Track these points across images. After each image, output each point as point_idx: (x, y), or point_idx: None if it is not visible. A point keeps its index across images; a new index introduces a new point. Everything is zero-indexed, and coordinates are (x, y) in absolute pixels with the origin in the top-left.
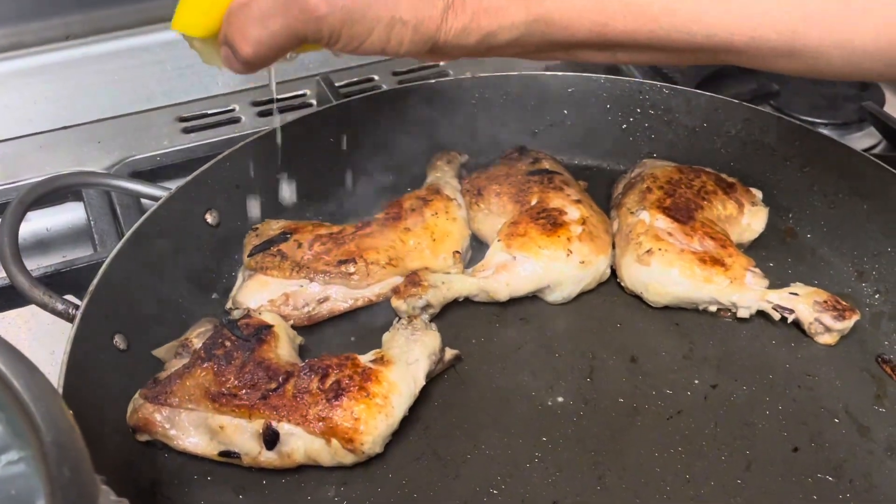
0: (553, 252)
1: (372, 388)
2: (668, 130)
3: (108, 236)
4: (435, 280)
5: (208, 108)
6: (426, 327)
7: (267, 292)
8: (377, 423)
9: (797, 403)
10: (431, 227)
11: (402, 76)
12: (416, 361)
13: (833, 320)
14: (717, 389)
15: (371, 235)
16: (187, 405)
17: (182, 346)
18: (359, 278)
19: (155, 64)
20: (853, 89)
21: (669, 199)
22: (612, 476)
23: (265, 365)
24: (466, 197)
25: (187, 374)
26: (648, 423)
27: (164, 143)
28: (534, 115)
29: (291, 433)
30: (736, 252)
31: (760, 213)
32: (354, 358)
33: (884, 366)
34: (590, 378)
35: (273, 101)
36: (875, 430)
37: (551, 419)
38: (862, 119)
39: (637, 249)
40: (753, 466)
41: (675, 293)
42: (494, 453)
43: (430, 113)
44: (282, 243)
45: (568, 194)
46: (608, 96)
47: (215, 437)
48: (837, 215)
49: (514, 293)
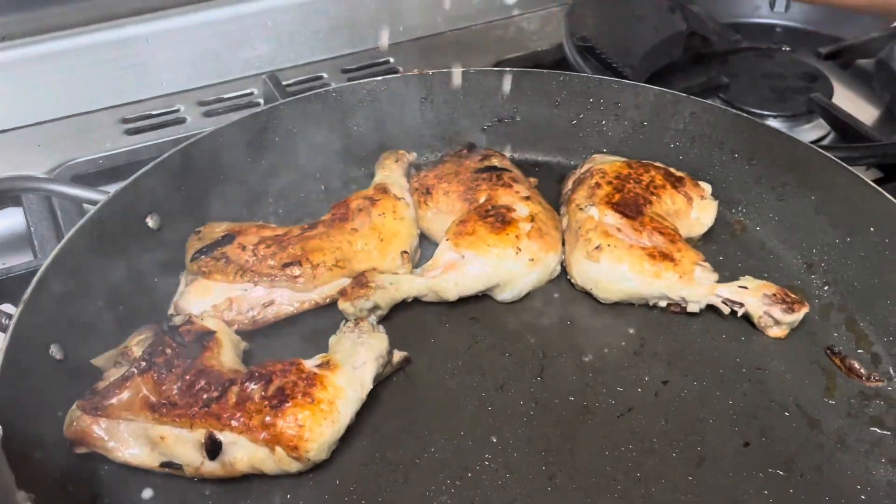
0: (502, 250)
1: (317, 394)
2: (618, 125)
3: (48, 242)
4: (383, 281)
5: (153, 108)
6: (373, 329)
7: (210, 297)
8: (322, 429)
9: (748, 398)
10: (379, 228)
11: (350, 73)
12: (363, 365)
13: (782, 313)
14: (668, 385)
15: (317, 237)
16: (126, 416)
17: (121, 355)
18: (305, 281)
19: (97, 64)
20: (802, 81)
21: (618, 194)
22: (562, 476)
23: (207, 372)
24: (415, 196)
25: (126, 384)
26: (599, 422)
27: (106, 146)
28: (483, 111)
29: (234, 442)
30: (685, 247)
31: (710, 206)
32: (299, 363)
33: (833, 358)
34: (540, 377)
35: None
36: (825, 423)
37: (502, 420)
38: (811, 111)
39: (586, 246)
40: (704, 463)
41: (624, 289)
42: (444, 456)
43: (379, 111)
44: (225, 246)
45: (517, 191)
46: (556, 92)
47: (156, 448)
48: (786, 208)
49: (464, 292)
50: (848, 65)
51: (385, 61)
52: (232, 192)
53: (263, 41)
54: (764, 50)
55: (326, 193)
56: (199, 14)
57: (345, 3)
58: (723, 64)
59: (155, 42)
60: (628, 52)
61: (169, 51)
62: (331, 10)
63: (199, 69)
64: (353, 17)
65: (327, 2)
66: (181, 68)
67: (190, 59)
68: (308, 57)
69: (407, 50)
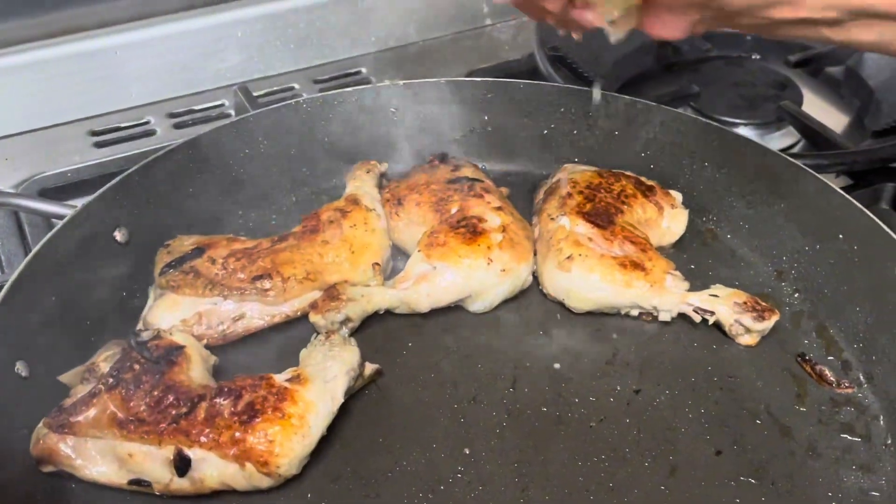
0: (473, 261)
1: (287, 409)
2: (589, 134)
3: (15, 257)
4: (354, 293)
5: (122, 120)
6: (344, 342)
7: (179, 311)
8: (293, 444)
9: (719, 406)
10: (350, 239)
11: (322, 84)
12: (335, 378)
13: (753, 321)
14: (640, 395)
15: (288, 249)
16: (94, 433)
17: (89, 371)
18: (275, 294)
19: (65, 77)
20: (772, 89)
21: (589, 203)
22: (535, 488)
23: (176, 388)
24: (386, 207)
25: (94, 401)
26: (572, 432)
27: (74, 159)
28: (455, 121)
29: (204, 458)
30: (656, 255)
31: (680, 215)
32: (269, 378)
33: (804, 365)
34: (513, 388)
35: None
36: (796, 431)
37: (474, 432)
38: (781, 119)
39: (558, 256)
40: (677, 472)
41: (596, 299)
42: (416, 469)
43: (350, 121)
44: (195, 260)
45: (488, 202)
46: (528, 102)
47: (124, 465)
48: (756, 216)
49: (436, 304)
50: (817, 72)
51: (357, 72)
52: (202, 205)
53: (234, 52)
54: (734, 58)
55: (298, 205)
56: (169, 25)
57: (316, 14)
58: (693, 73)
59: (124, 54)
60: (599, 61)
61: (138, 62)
62: (302, 21)
63: (169, 81)
64: (325, 28)
65: (299, 12)
66: (151, 80)
67: (160, 71)
68: (279, 68)
69: (379, 60)
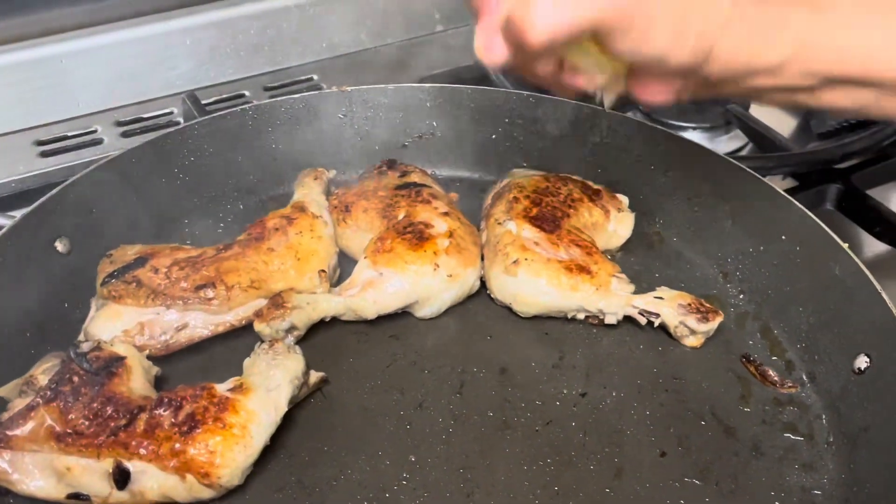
0: (420, 267)
1: (228, 419)
2: (536, 139)
3: None
4: (299, 301)
5: (69, 129)
6: (289, 350)
7: (121, 322)
8: (234, 454)
9: (665, 407)
10: (296, 247)
11: (273, 91)
12: (278, 387)
13: (697, 322)
14: (586, 398)
15: (232, 258)
16: (31, 447)
17: (27, 384)
18: (219, 303)
19: (10, 86)
20: None
21: (536, 208)
22: (480, 493)
23: (115, 400)
24: (334, 213)
25: (31, 414)
26: (518, 436)
27: (19, 169)
28: (403, 127)
29: (143, 471)
30: (602, 259)
31: (627, 218)
32: (211, 388)
33: (748, 365)
34: (460, 393)
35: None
36: (740, 431)
37: (420, 438)
38: (728, 122)
39: (504, 260)
40: (622, 474)
41: (542, 303)
42: (361, 477)
43: (297, 128)
44: (137, 269)
45: (436, 207)
46: (476, 107)
47: (62, 479)
48: (701, 218)
49: (382, 310)
50: None
51: (308, 79)
52: (146, 214)
53: (184, 60)
54: None
55: (244, 213)
56: (117, 33)
57: (267, 21)
58: None
59: (70, 62)
60: None
61: (85, 70)
62: (253, 28)
63: (117, 89)
64: (276, 35)
65: (249, 19)
66: (98, 88)
67: (107, 79)
68: (230, 75)
69: (330, 67)
